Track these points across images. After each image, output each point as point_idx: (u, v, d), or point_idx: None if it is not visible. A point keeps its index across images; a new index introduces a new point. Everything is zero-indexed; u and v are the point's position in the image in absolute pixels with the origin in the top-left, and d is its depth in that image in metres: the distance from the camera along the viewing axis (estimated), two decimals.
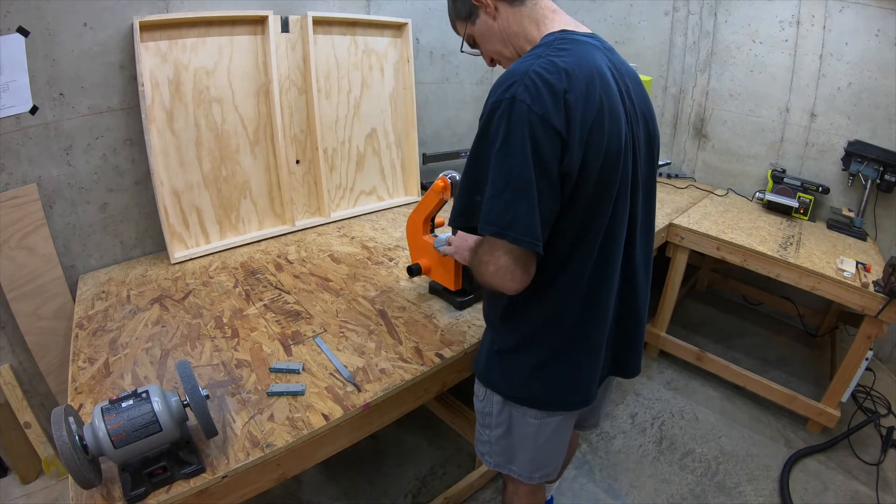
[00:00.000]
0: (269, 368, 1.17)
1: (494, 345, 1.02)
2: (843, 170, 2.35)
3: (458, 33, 1.05)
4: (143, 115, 1.55)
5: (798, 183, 2.46)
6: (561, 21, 0.91)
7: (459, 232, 1.20)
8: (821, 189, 2.41)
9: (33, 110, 1.44)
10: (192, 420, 0.92)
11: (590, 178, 0.81)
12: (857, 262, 1.94)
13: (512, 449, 1.10)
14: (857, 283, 1.80)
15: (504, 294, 0.88)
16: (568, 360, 0.96)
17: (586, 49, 0.84)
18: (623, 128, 0.85)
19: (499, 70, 1.01)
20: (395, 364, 1.22)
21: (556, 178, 0.78)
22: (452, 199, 1.35)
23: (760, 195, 2.53)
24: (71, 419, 0.80)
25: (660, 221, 2.23)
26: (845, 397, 1.97)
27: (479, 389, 1.10)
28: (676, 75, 2.86)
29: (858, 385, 2.04)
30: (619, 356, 1.06)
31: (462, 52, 1.07)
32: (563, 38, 0.85)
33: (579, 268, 0.89)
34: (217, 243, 1.81)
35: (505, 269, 0.80)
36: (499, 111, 0.76)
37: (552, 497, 1.67)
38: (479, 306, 1.48)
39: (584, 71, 0.79)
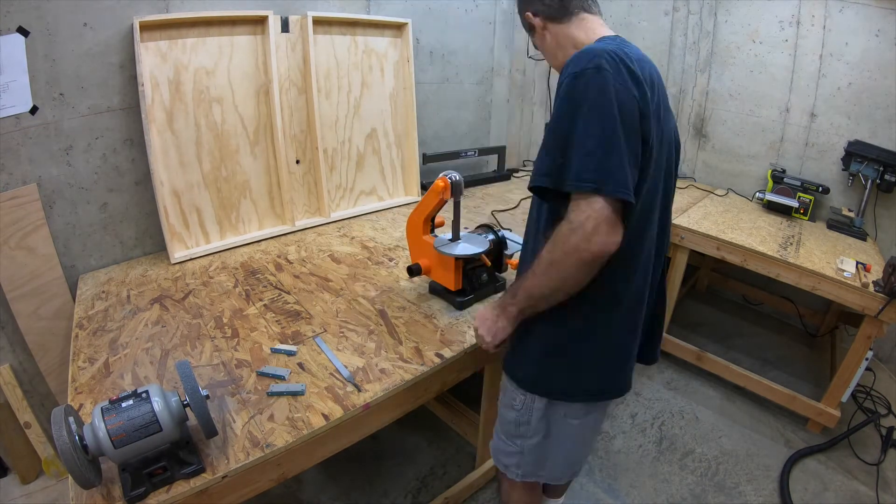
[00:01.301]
0: (257, 372, 1.16)
1: (552, 339, 1.00)
2: (843, 170, 2.35)
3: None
4: (143, 115, 1.55)
5: (798, 183, 2.46)
6: (606, 29, 1.01)
7: (478, 315, 1.09)
8: (821, 189, 2.41)
9: (33, 110, 1.44)
10: (192, 420, 0.91)
11: (654, 157, 0.87)
12: (857, 262, 1.94)
13: (545, 454, 1.12)
14: (857, 283, 1.80)
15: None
16: (619, 344, 1.01)
17: (637, 51, 0.93)
18: (672, 123, 0.97)
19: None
20: (395, 364, 1.22)
21: (639, 138, 0.83)
22: (452, 199, 1.36)
23: (760, 195, 2.53)
24: (71, 419, 0.80)
25: None
26: (845, 397, 1.97)
27: (515, 399, 1.08)
28: (676, 75, 2.86)
29: (858, 385, 2.03)
30: (642, 342, 1.10)
31: (529, 56, 1.20)
32: (617, 39, 0.95)
33: (639, 249, 0.94)
34: (217, 243, 1.81)
35: (605, 222, 0.80)
36: (584, 78, 0.81)
37: None
38: (479, 306, 1.48)
39: (647, 63, 0.90)
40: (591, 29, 1.00)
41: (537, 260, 0.89)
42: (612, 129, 0.79)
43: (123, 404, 0.83)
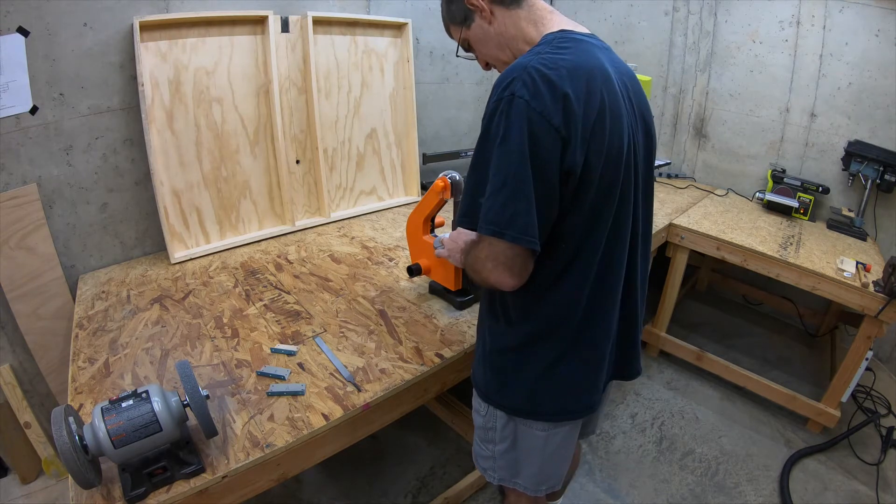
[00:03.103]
0: (257, 372, 1.16)
1: (498, 344, 0.99)
2: (843, 170, 2.35)
3: (452, 38, 1.04)
4: (143, 115, 1.55)
5: (798, 183, 2.46)
6: (559, 21, 0.90)
7: (452, 234, 1.20)
8: (821, 189, 2.41)
9: (33, 110, 1.44)
10: (192, 420, 0.92)
11: (593, 177, 0.80)
12: (857, 262, 1.94)
13: (517, 463, 1.07)
14: (857, 283, 1.80)
15: (513, 294, 0.88)
16: (573, 365, 0.94)
17: (587, 47, 0.84)
18: (625, 128, 0.84)
19: (489, 76, 1.02)
20: (395, 364, 1.22)
21: (555, 175, 0.77)
22: (452, 199, 1.36)
23: (760, 195, 2.53)
24: (71, 419, 0.80)
25: (660, 221, 2.23)
26: (845, 397, 1.97)
27: (480, 405, 1.07)
28: (676, 75, 2.86)
29: (858, 385, 2.04)
30: (620, 359, 1.05)
31: (458, 56, 1.06)
32: (564, 38, 0.84)
33: (586, 268, 0.88)
34: (217, 243, 1.81)
35: (503, 266, 0.79)
36: (499, 109, 0.76)
37: None
38: (479, 306, 1.48)
39: (585, 69, 0.78)
40: (541, 20, 0.90)
41: (471, 246, 0.86)
42: (519, 168, 0.74)
43: (123, 404, 0.83)
